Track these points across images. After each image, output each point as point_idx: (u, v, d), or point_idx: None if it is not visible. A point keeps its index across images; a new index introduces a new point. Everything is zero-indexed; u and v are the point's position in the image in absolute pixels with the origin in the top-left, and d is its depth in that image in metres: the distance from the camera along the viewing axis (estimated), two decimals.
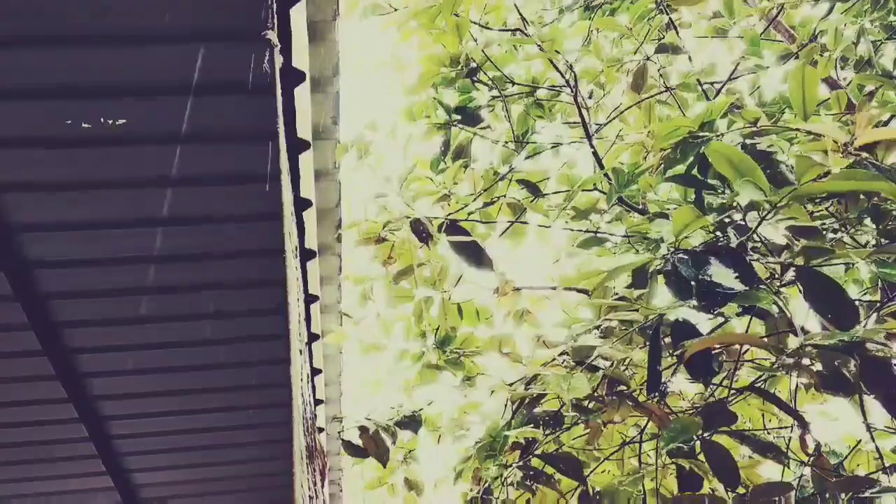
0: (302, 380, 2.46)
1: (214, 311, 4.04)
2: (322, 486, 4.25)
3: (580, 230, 3.49)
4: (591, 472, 3.27)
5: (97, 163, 3.39)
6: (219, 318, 4.09)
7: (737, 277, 1.87)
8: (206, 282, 4.03)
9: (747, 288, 1.84)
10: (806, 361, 2.06)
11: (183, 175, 3.48)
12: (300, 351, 2.24)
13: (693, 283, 2.02)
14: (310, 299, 3.83)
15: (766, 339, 1.81)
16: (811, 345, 1.92)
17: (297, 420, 1.71)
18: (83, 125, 3.13)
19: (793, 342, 2.20)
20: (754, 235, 2.15)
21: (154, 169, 3.46)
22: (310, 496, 2.27)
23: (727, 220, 2.17)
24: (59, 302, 4.08)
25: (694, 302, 2.00)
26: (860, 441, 3.44)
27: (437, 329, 3.64)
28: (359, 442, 2.82)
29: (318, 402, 4.28)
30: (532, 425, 2.54)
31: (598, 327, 2.57)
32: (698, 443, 2.46)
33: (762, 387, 2.84)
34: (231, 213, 3.70)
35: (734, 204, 2.39)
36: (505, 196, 3.62)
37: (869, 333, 1.98)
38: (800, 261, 2.01)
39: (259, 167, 3.19)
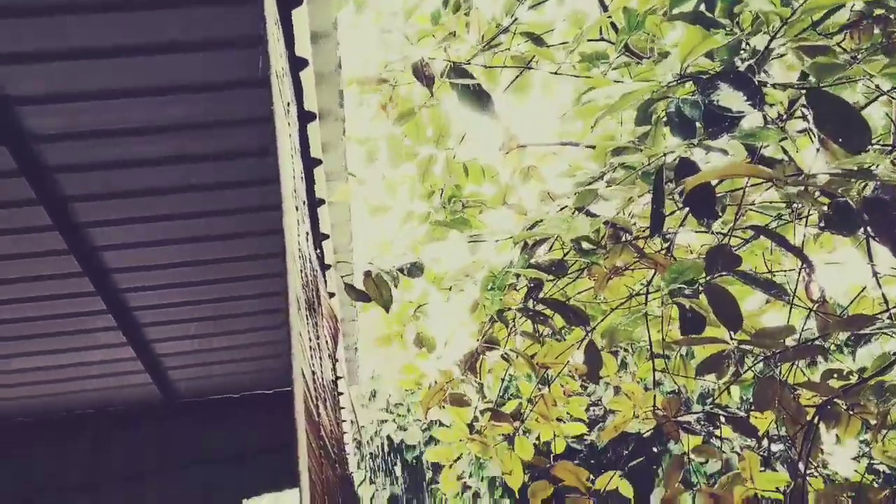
0: (300, 235, 2.46)
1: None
2: (335, 348, 4.34)
3: (586, 76, 3.38)
4: (598, 324, 3.31)
5: (90, 31, 3.32)
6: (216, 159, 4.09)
7: (746, 101, 1.80)
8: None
9: (756, 110, 1.77)
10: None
11: (178, 40, 3.42)
12: (297, 207, 2.22)
13: (697, 121, 1.97)
14: (312, 163, 3.79)
15: (771, 170, 1.76)
16: (819, 173, 1.87)
17: (293, 262, 1.70)
18: None
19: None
20: (762, 70, 2.07)
21: (147, 35, 3.39)
22: (310, 346, 2.30)
23: (735, 51, 2.08)
24: (65, 175, 4.09)
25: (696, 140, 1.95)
26: (864, 288, 3.44)
27: (443, 188, 3.60)
28: (362, 287, 2.84)
29: (325, 266, 4.31)
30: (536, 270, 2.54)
31: (602, 176, 2.52)
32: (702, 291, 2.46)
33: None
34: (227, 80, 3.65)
35: (742, 43, 2.30)
36: (509, 49, 3.50)
37: (882, 166, 1.93)
38: (810, 82, 1.93)
39: (252, 30, 3.11)
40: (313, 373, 2.50)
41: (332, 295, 4.49)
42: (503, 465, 3.46)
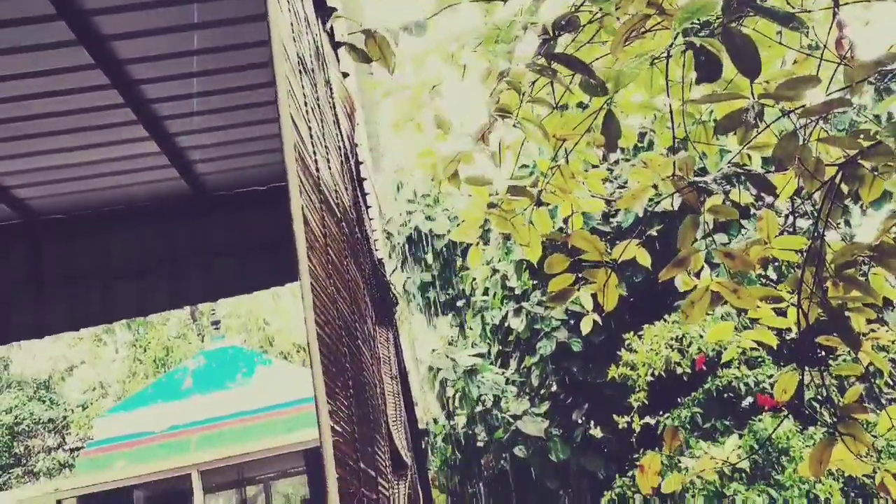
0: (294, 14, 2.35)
1: None
2: (352, 129, 4.31)
3: None
4: (615, 93, 3.19)
5: None
6: None
7: None
8: None
9: None
10: None
11: None
12: None
13: None
14: None
15: None
16: None
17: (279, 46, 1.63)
18: None
19: None
20: None
21: None
22: (307, 110, 2.25)
23: None
24: None
25: None
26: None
27: None
28: (363, 48, 2.75)
29: (337, 44, 4.17)
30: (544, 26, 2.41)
31: None
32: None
33: None
34: None
35: None
36: None
37: None
38: None
39: None
40: (317, 160, 2.47)
41: (345, 75, 4.40)
42: (521, 238, 3.48)
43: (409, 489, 5.70)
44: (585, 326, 3.56)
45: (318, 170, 2.21)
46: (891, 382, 7.96)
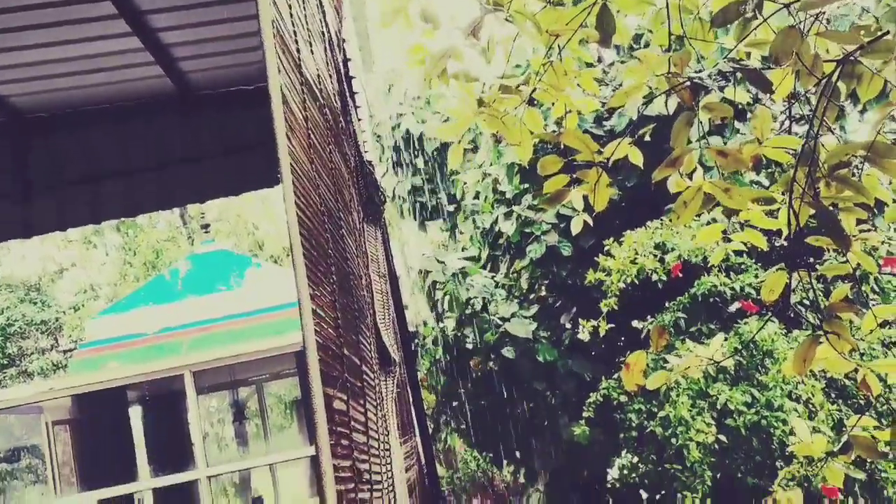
0: None
1: None
2: (340, 24, 4.20)
3: None
4: None
5: None
6: None
7: None
8: None
9: None
10: None
11: None
12: None
13: None
14: None
15: None
16: None
17: None
18: None
19: None
20: None
21: None
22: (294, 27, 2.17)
23: None
24: None
25: None
26: None
27: None
28: None
29: None
30: None
31: None
32: None
33: None
34: None
35: None
36: None
37: None
38: None
39: None
40: (297, 41, 2.39)
41: None
42: (512, 137, 3.43)
43: (398, 388, 5.79)
44: (576, 226, 3.55)
45: (298, 51, 2.14)
46: (876, 289, 8.05)
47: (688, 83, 2.68)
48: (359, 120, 6.02)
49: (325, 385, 1.54)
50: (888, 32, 2.71)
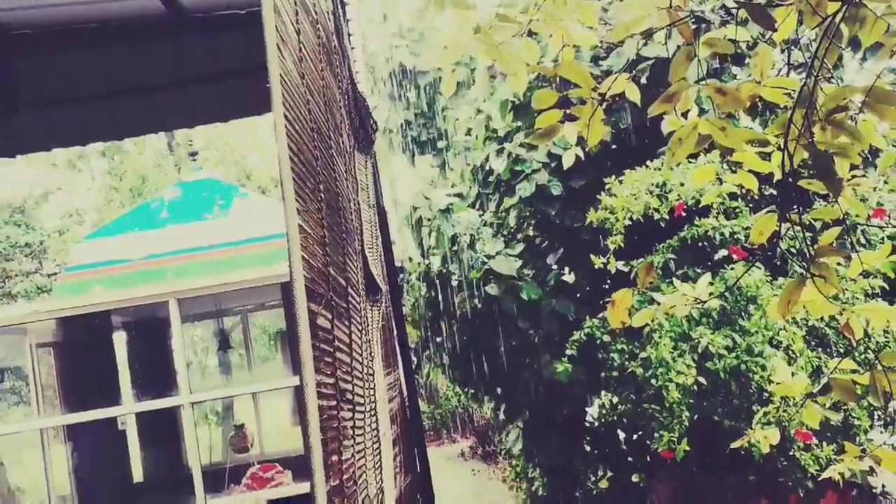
0: None
1: None
2: None
3: None
4: None
5: None
6: None
7: None
8: None
9: None
10: None
11: None
12: None
13: None
14: None
15: None
16: None
17: None
18: None
19: None
20: None
21: None
22: None
23: None
24: None
25: None
26: None
27: None
28: None
29: None
30: None
31: None
32: None
33: None
34: None
35: None
36: None
37: None
38: None
39: None
40: None
41: None
42: (508, 66, 3.37)
43: (384, 320, 5.81)
44: (568, 159, 3.51)
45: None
46: (863, 240, 8.07)
47: (690, 16, 2.63)
48: (352, 48, 5.91)
49: (309, 301, 1.52)
50: None
